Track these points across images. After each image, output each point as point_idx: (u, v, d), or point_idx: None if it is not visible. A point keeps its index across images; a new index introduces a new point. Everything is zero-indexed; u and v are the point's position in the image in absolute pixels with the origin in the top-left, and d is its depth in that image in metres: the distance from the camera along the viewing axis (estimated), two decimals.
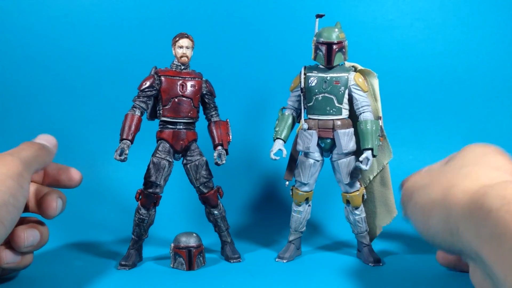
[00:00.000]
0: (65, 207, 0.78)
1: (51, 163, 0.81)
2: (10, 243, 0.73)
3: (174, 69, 0.90)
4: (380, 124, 0.88)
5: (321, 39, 0.87)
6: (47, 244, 0.78)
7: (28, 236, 0.72)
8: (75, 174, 0.82)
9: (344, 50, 0.88)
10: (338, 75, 0.88)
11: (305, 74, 0.89)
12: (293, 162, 0.94)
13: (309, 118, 0.90)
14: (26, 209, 0.78)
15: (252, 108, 1.32)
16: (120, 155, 0.84)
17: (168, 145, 0.89)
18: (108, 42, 1.31)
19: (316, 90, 0.88)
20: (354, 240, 0.95)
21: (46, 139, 0.76)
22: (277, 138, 0.91)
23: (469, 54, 1.35)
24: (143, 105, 0.88)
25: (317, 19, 0.90)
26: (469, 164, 0.60)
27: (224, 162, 0.91)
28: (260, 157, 1.27)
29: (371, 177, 0.94)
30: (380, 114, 0.90)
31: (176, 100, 0.89)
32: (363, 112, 0.88)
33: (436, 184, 0.60)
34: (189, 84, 0.90)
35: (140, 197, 0.89)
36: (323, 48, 0.87)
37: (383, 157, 0.92)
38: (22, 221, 0.78)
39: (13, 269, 0.76)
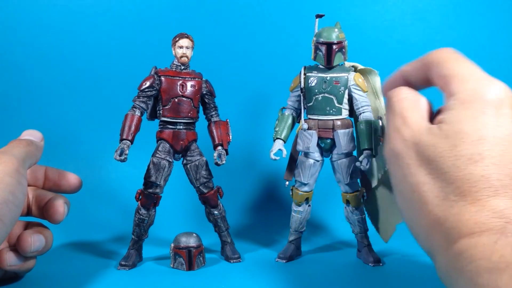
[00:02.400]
0: (68, 211, 0.78)
1: (52, 168, 0.81)
2: (15, 246, 0.73)
3: (174, 69, 0.90)
4: (381, 124, 0.88)
5: (321, 39, 0.87)
6: None
7: (34, 241, 0.72)
8: (74, 179, 0.82)
9: (344, 50, 0.88)
10: (338, 75, 0.88)
11: (305, 74, 0.89)
12: (293, 162, 0.94)
13: (309, 118, 0.90)
14: (29, 213, 0.78)
15: (252, 108, 1.32)
16: (120, 155, 0.84)
17: (168, 145, 0.89)
18: (108, 42, 1.31)
19: (316, 90, 0.88)
20: (354, 240, 0.95)
21: (31, 134, 0.75)
22: (277, 138, 0.91)
23: (469, 54, 1.34)
24: (143, 105, 0.88)
25: (317, 19, 0.90)
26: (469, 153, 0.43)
27: (224, 162, 0.91)
28: (260, 157, 1.27)
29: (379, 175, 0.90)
30: (383, 113, 0.88)
31: (176, 100, 0.89)
32: (363, 112, 0.88)
33: (416, 175, 0.50)
34: (189, 84, 0.90)
35: (140, 197, 0.89)
36: (323, 48, 0.87)
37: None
38: (27, 226, 0.78)
39: (15, 272, 0.76)
